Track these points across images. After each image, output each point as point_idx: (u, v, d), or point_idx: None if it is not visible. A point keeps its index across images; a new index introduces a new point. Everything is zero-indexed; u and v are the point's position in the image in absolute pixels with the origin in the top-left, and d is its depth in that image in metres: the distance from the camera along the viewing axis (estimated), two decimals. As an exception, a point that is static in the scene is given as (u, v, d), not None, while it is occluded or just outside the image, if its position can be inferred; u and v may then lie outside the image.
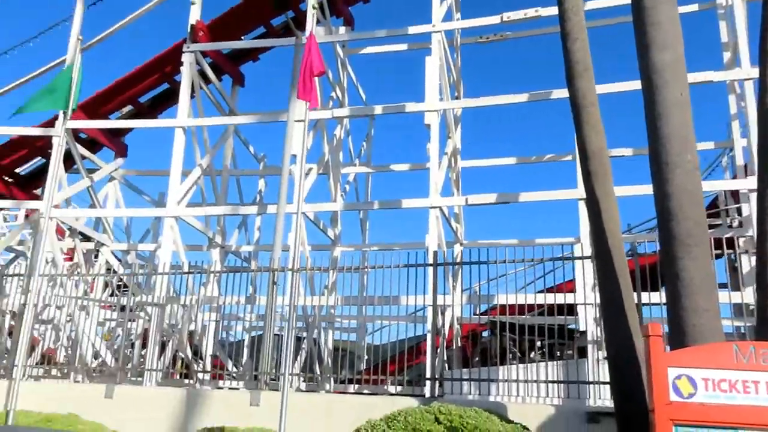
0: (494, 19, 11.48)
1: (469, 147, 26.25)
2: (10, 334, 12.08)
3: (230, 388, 10.89)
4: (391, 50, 15.00)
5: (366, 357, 14.09)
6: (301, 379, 10.74)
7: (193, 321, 11.98)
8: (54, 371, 12.01)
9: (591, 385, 7.66)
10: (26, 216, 17.42)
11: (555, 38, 7.25)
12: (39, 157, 14.44)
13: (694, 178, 5.63)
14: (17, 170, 14.55)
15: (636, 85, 9.93)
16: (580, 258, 8.51)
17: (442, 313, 9.65)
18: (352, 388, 9.98)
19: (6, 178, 14.25)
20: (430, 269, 8.80)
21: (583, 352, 9.27)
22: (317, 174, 13.02)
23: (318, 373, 10.75)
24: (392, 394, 8.95)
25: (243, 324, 13.27)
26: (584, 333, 9.02)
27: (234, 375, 11.63)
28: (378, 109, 12.11)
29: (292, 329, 7.60)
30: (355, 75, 15.18)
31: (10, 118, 12.06)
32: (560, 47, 6.93)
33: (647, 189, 7.14)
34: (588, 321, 8.79)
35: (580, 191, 9.72)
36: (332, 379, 10.81)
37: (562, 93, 10.14)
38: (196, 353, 12.11)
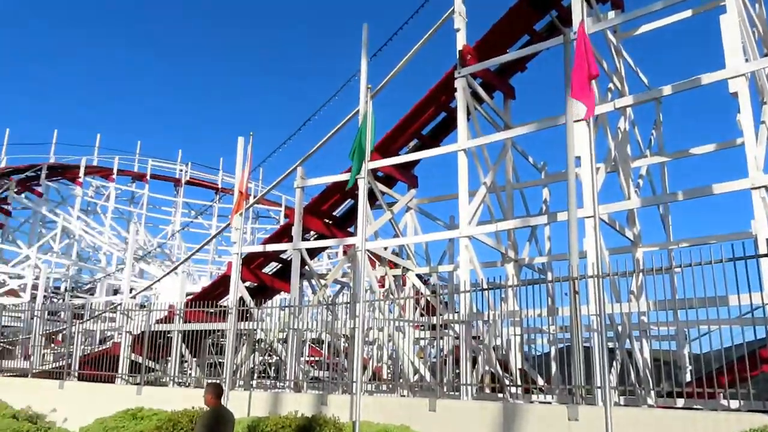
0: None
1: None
2: (345, 355, 13.94)
3: (541, 402, 10.71)
4: (672, 21, 13.38)
5: (689, 367, 12.54)
6: (617, 392, 10.01)
7: (498, 336, 12.21)
8: (383, 386, 13.41)
9: None
10: (344, 252, 20.12)
11: None
12: (349, 199, 16.55)
13: None
14: (334, 213, 16.89)
15: None
16: None
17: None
18: (678, 402, 8.90)
19: (326, 221, 16.66)
20: (765, 260, 7.42)
21: None
22: (605, 173, 12.23)
23: (637, 385, 9.87)
24: (734, 410, 7.71)
25: (547, 336, 13.04)
26: None
27: (543, 389, 11.43)
28: (666, 90, 10.86)
29: (604, 339, 7.13)
30: (631, 59, 13.98)
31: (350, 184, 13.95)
32: None
33: None
34: None
35: None
36: (654, 392, 9.82)
37: None
38: (505, 368, 12.27)
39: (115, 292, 29.22)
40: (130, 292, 22.82)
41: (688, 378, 12.23)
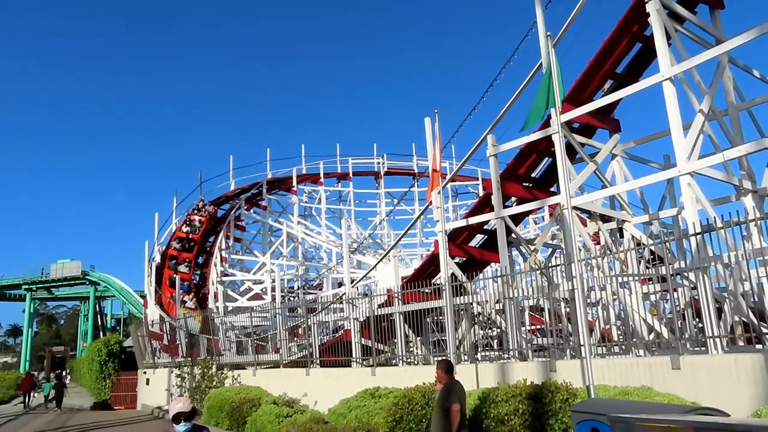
0: None
1: None
2: (568, 319, 13.29)
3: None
4: None
5: None
6: None
7: (745, 280, 10.61)
8: (615, 348, 12.51)
9: None
10: (550, 214, 19.25)
11: None
12: (546, 158, 15.71)
13: None
14: (532, 174, 16.18)
15: None
16: None
17: None
18: None
19: (526, 184, 16.02)
20: None
21: None
22: None
23: None
24: None
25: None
26: None
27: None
28: None
29: None
30: None
31: (520, 132, 13.55)
32: None
33: None
34: None
35: None
36: None
37: None
38: (761, 316, 10.64)
39: (339, 284, 31.75)
40: (351, 282, 24.53)
41: None
